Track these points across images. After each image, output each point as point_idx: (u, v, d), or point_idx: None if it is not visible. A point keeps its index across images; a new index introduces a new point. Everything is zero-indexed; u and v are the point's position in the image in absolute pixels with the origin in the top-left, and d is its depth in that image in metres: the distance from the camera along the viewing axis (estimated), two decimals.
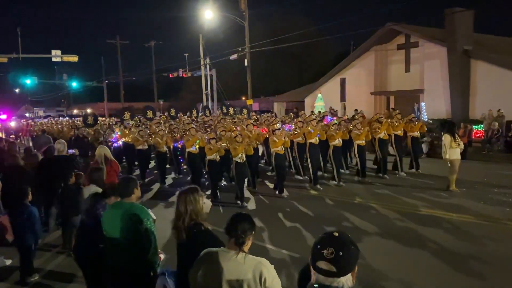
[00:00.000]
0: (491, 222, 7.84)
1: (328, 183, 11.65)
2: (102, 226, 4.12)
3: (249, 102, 27.25)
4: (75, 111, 68.49)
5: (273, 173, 12.06)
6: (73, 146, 13.09)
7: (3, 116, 34.57)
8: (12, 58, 25.73)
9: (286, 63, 50.87)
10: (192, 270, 2.80)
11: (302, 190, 11.17)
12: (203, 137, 11.50)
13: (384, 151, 12.34)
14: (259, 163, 13.36)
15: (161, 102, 49.18)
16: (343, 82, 28.07)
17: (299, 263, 5.31)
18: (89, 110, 58.71)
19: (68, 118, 39.75)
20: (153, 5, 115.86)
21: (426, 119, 17.07)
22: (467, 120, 19.71)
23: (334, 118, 14.75)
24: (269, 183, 11.94)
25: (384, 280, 5.55)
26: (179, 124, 15.36)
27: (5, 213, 6.16)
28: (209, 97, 32.64)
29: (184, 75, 35.59)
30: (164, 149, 12.56)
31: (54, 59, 27.26)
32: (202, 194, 3.55)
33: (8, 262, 6.41)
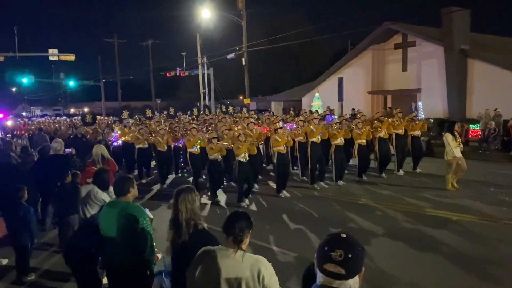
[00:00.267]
0: (497, 223, 7.75)
1: (333, 184, 11.41)
2: (99, 225, 4.11)
3: (247, 101, 27.25)
4: (72, 110, 68.24)
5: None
6: (72, 145, 13.02)
7: (0, 115, 34.42)
8: (9, 57, 25.67)
9: (284, 62, 50.89)
10: (190, 269, 2.80)
11: (305, 190, 11.03)
12: (205, 137, 11.40)
13: (383, 150, 12.32)
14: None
15: (159, 101, 49.10)
16: (341, 81, 28.08)
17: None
18: (86, 109, 58.61)
19: (66, 117, 39.60)
20: (151, 4, 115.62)
21: (423, 119, 17.08)
22: (464, 119, 19.78)
23: (336, 117, 14.70)
24: (272, 183, 11.69)
25: (396, 284, 5.44)
26: (180, 123, 15.22)
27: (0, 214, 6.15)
28: (207, 96, 32.63)
29: (182, 74, 35.64)
30: (165, 148, 12.36)
31: (51, 58, 27.27)
32: (198, 194, 3.58)
33: (5, 262, 6.38)
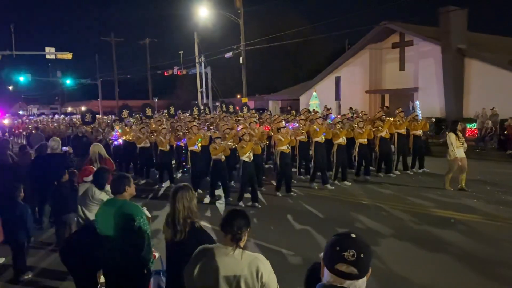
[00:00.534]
0: (503, 222, 7.73)
1: (335, 183, 11.34)
2: (96, 224, 4.10)
3: (244, 100, 27.20)
4: (69, 109, 68.13)
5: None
6: (73, 145, 12.94)
7: None
8: (6, 55, 25.54)
9: (281, 61, 50.87)
10: (188, 267, 2.79)
11: (308, 190, 10.96)
12: (206, 135, 11.31)
13: (385, 150, 12.32)
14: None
15: (156, 100, 49.03)
16: (338, 81, 28.13)
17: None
18: (84, 108, 58.45)
19: (64, 116, 39.52)
20: (148, 2, 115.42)
21: (420, 118, 17.10)
22: (461, 119, 19.82)
23: (338, 116, 14.66)
24: (275, 183, 11.51)
25: (408, 287, 5.38)
26: (181, 122, 15.06)
27: None
28: (204, 95, 32.62)
29: (179, 73, 35.55)
30: (167, 148, 12.21)
31: (48, 57, 27.08)
32: (195, 192, 3.59)
33: (1, 261, 6.37)
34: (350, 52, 29.00)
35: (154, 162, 13.57)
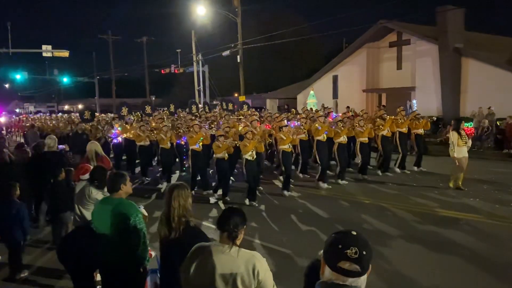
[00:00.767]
0: (508, 223, 7.65)
1: (338, 182, 11.30)
2: (92, 222, 4.10)
3: (242, 99, 27.19)
4: (66, 107, 67.93)
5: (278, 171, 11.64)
6: (73, 142, 12.86)
7: None
8: (2, 53, 25.46)
9: (279, 60, 50.83)
10: (184, 265, 2.80)
11: (311, 190, 10.83)
12: (208, 134, 11.24)
13: (387, 149, 12.29)
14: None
15: (153, 98, 48.92)
16: (335, 79, 28.13)
17: None
18: (81, 106, 58.32)
19: (62, 114, 39.37)
20: (146, 1, 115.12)
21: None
22: (458, 118, 19.86)
23: (339, 115, 14.64)
24: (277, 182, 11.56)
25: None
26: (181, 120, 15.01)
27: None
28: (202, 93, 32.57)
29: (176, 71, 35.48)
30: (168, 146, 12.10)
31: (45, 54, 26.99)
32: (190, 191, 3.59)
33: None
34: (348, 51, 29.03)
35: (156, 160, 13.53)
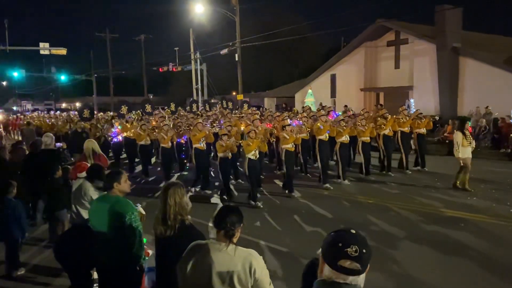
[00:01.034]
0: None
1: (338, 182, 11.25)
2: (89, 220, 4.09)
3: (240, 97, 27.18)
4: (64, 105, 67.71)
5: (281, 171, 11.59)
6: (72, 140, 12.78)
7: None
8: None
9: (277, 59, 50.79)
10: (181, 263, 2.79)
11: (313, 189, 10.78)
12: (211, 132, 11.18)
13: (389, 148, 12.27)
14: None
15: (151, 96, 48.87)
16: (333, 78, 28.12)
17: None
18: (78, 104, 58.22)
19: (60, 112, 39.25)
20: None
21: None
22: (455, 117, 19.90)
23: (339, 114, 14.63)
24: (278, 182, 11.47)
25: None
26: (182, 119, 14.97)
27: None
28: (199, 92, 32.54)
29: (174, 69, 35.44)
30: (169, 145, 12.10)
31: (42, 52, 26.89)
32: (185, 189, 3.59)
33: None
34: (346, 50, 29.01)
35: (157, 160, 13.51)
